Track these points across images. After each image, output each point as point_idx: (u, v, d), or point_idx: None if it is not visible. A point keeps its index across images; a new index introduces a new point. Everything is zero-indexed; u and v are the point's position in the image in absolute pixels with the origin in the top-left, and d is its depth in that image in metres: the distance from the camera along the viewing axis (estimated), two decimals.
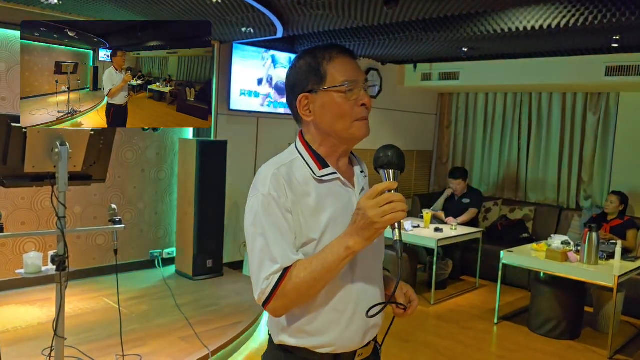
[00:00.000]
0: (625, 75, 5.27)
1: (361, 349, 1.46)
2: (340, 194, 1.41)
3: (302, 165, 1.41)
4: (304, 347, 1.41)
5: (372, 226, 1.24)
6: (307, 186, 1.37)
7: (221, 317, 4.26)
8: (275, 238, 1.32)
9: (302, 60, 1.43)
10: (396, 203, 1.23)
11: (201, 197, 5.21)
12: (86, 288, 4.77)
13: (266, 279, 1.31)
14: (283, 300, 1.31)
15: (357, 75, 1.40)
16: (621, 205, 5.47)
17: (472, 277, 6.13)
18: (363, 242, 1.27)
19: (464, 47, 5.36)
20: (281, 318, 1.42)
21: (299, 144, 1.46)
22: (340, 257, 1.28)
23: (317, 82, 1.39)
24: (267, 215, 1.33)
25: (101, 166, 2.87)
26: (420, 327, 4.69)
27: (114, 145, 2.90)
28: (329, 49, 1.42)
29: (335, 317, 1.39)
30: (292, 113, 1.48)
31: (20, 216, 4.67)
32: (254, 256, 1.35)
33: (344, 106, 1.38)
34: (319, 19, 4.26)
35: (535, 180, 6.91)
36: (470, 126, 7.56)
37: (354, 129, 1.40)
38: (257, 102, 5.81)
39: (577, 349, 4.37)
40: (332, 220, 1.36)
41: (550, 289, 4.59)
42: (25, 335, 3.74)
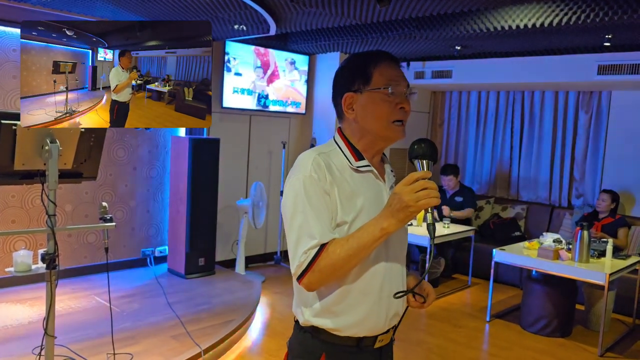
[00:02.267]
0: (617, 74, 5.30)
1: (382, 335, 1.55)
2: (373, 185, 1.53)
3: (340, 155, 1.52)
4: (329, 330, 1.49)
5: (407, 209, 1.34)
6: (344, 173, 1.49)
7: (213, 316, 4.24)
8: (314, 215, 1.42)
9: (351, 62, 1.55)
10: (430, 190, 1.34)
11: (193, 195, 5.19)
12: (77, 286, 4.74)
13: (304, 252, 1.40)
14: (318, 274, 1.40)
15: (400, 81, 1.52)
16: (612, 203, 5.51)
17: (465, 275, 6.15)
18: (397, 224, 1.38)
19: (457, 45, 5.36)
20: (309, 299, 1.51)
21: (338, 138, 1.57)
22: (375, 236, 1.38)
23: (362, 83, 1.51)
24: (308, 194, 1.43)
25: (92, 164, 2.85)
26: (413, 325, 4.70)
27: (105, 143, 2.89)
28: (377, 54, 1.54)
29: (362, 299, 1.48)
30: (335, 109, 1.59)
31: (11, 214, 4.64)
32: (293, 232, 1.44)
33: (384, 108, 1.49)
34: (312, 16, 4.25)
35: (528, 179, 6.94)
36: (462, 124, 7.57)
37: (390, 130, 1.51)
38: (249, 100, 5.80)
39: (568, 347, 4.39)
40: (365, 206, 1.47)
41: (542, 287, 4.61)
42: (15, 334, 3.71)
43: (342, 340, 1.50)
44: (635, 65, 5.16)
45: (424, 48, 5.69)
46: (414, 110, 7.72)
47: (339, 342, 1.50)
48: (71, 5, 4.24)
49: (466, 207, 6.17)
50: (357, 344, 1.51)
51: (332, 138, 1.59)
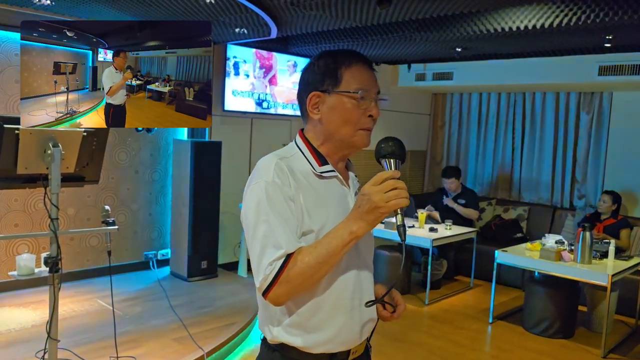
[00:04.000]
0: (618, 74, 5.30)
1: (355, 347, 1.47)
2: (338, 191, 1.46)
3: (302, 160, 1.44)
4: (302, 348, 1.41)
5: (376, 210, 1.28)
6: (307, 180, 1.41)
7: (216, 318, 4.25)
8: (279, 224, 1.33)
9: (321, 60, 1.46)
10: (400, 190, 1.28)
11: (195, 198, 5.20)
12: (80, 290, 4.75)
13: (269, 264, 1.31)
14: (286, 286, 1.31)
15: (371, 86, 1.45)
16: (614, 204, 5.50)
17: (467, 276, 6.15)
18: (366, 227, 1.31)
19: (458, 47, 5.37)
20: (277, 315, 1.41)
21: (299, 141, 1.49)
22: (344, 241, 1.31)
23: (331, 84, 1.43)
24: (271, 202, 1.34)
25: (94, 167, 2.86)
26: (414, 327, 4.70)
27: (107, 147, 2.89)
28: (350, 54, 1.46)
29: (334, 312, 1.41)
30: (300, 108, 1.51)
31: (13, 218, 4.65)
32: (256, 243, 1.34)
33: (353, 113, 1.42)
34: (313, 19, 4.26)
35: (529, 180, 6.94)
36: (464, 126, 7.57)
37: (357, 137, 1.44)
38: (251, 103, 5.81)
39: (570, 348, 4.38)
40: (331, 214, 1.40)
41: (544, 288, 4.60)
42: (18, 337, 3.72)
43: (314, 358, 1.42)
44: (636, 65, 5.17)
45: (424, 50, 5.70)
46: (415, 112, 7.74)
47: (311, 359, 1.42)
48: (73, 10, 4.26)
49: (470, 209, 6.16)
50: (329, 359, 1.43)
51: (294, 141, 1.51)
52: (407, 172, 7.77)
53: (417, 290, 5.65)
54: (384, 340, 4.28)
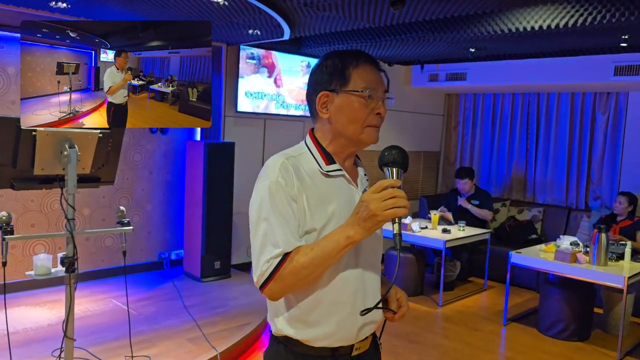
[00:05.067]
0: (634, 74, 5.24)
1: (359, 343, 1.50)
2: (344, 190, 1.49)
3: (310, 159, 1.48)
4: (303, 341, 1.45)
5: (374, 218, 1.31)
6: (313, 178, 1.45)
7: (229, 319, 4.27)
8: (279, 223, 1.37)
9: (329, 60, 1.50)
10: (398, 199, 1.30)
11: (209, 198, 5.23)
12: (95, 290, 4.80)
13: (267, 261, 1.36)
14: (281, 283, 1.36)
15: (378, 85, 1.47)
16: (630, 206, 5.44)
17: (480, 278, 6.11)
18: (363, 233, 1.34)
19: (471, 48, 5.34)
20: (281, 307, 1.46)
21: (309, 140, 1.53)
22: (340, 245, 1.35)
23: (339, 83, 1.46)
24: (273, 201, 1.39)
25: (109, 168, 2.88)
26: (428, 328, 4.68)
27: (122, 148, 2.92)
28: (358, 55, 1.49)
29: (333, 309, 1.44)
30: (309, 108, 1.55)
31: (30, 218, 4.71)
32: (257, 240, 1.40)
33: (360, 111, 1.45)
34: (326, 20, 4.27)
35: (544, 181, 6.88)
36: (477, 127, 7.53)
37: (365, 134, 1.47)
38: (263, 103, 5.82)
39: (586, 351, 4.34)
40: (336, 213, 1.43)
41: (559, 290, 4.56)
42: (35, 336, 3.77)
43: (316, 351, 1.45)
44: None
45: (438, 50, 5.68)
46: (428, 113, 7.71)
47: (313, 352, 1.45)
48: (87, 13, 4.30)
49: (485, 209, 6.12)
50: (332, 353, 1.46)
51: (303, 141, 1.55)
52: (421, 173, 7.74)
53: (431, 291, 5.63)
54: (398, 342, 4.27)
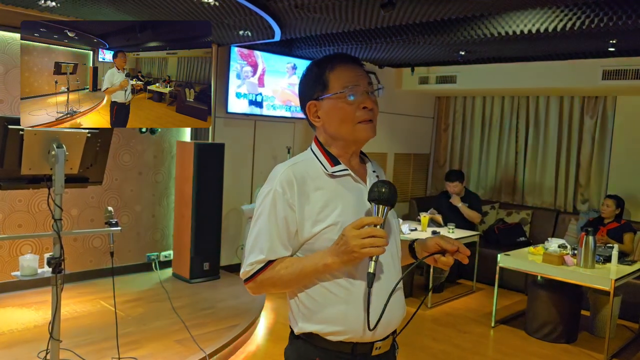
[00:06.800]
0: (622, 79, 5.29)
1: (379, 342, 1.50)
2: (352, 190, 1.51)
3: (316, 163, 1.51)
4: (323, 335, 1.46)
5: (350, 254, 1.33)
6: (319, 181, 1.48)
7: (218, 320, 4.25)
8: (268, 231, 1.44)
9: (309, 71, 1.55)
10: (377, 239, 1.32)
11: (198, 199, 5.21)
12: (82, 291, 4.76)
13: (250, 264, 1.45)
14: (259, 285, 1.46)
15: (358, 81, 1.49)
16: (617, 208, 5.48)
17: (469, 280, 6.13)
18: (340, 264, 1.37)
19: (461, 51, 5.37)
20: (299, 307, 1.49)
21: (314, 146, 1.57)
22: (317, 269, 1.40)
23: (321, 90, 1.50)
24: (269, 208, 1.44)
25: (98, 168, 2.87)
26: (417, 330, 4.69)
27: (111, 148, 2.90)
28: (332, 58, 1.53)
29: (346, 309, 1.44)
30: (306, 119, 1.60)
31: (17, 218, 4.66)
32: (250, 238, 1.48)
33: (346, 111, 1.48)
34: (317, 22, 4.27)
35: (533, 184, 6.93)
36: (467, 129, 7.57)
37: (358, 131, 1.50)
38: (253, 104, 5.81)
39: (573, 353, 4.37)
40: (344, 210, 1.45)
41: (547, 292, 4.59)
42: (21, 337, 3.73)
43: (335, 346, 1.45)
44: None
45: (428, 53, 5.70)
46: (419, 115, 7.74)
47: (332, 347, 1.46)
48: (77, 12, 4.27)
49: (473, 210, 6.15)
50: (351, 350, 1.46)
51: (310, 147, 1.58)
52: (411, 175, 7.77)
53: (420, 293, 5.64)
54: None
